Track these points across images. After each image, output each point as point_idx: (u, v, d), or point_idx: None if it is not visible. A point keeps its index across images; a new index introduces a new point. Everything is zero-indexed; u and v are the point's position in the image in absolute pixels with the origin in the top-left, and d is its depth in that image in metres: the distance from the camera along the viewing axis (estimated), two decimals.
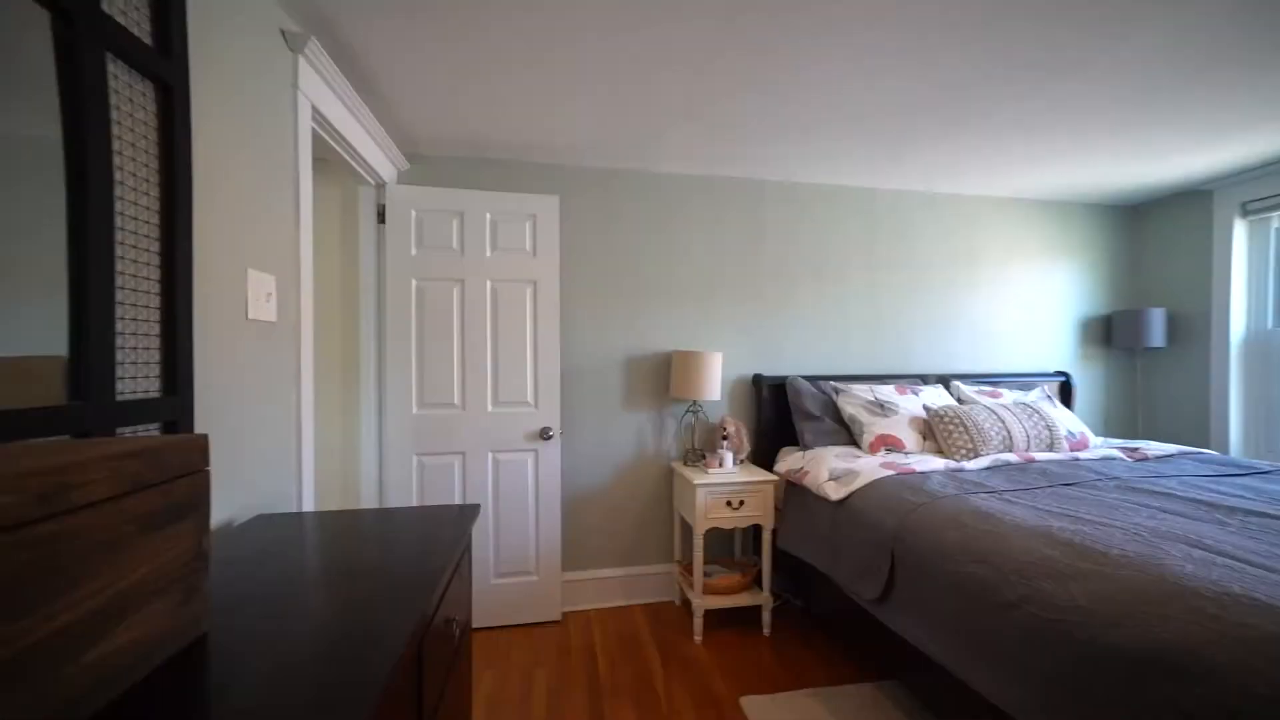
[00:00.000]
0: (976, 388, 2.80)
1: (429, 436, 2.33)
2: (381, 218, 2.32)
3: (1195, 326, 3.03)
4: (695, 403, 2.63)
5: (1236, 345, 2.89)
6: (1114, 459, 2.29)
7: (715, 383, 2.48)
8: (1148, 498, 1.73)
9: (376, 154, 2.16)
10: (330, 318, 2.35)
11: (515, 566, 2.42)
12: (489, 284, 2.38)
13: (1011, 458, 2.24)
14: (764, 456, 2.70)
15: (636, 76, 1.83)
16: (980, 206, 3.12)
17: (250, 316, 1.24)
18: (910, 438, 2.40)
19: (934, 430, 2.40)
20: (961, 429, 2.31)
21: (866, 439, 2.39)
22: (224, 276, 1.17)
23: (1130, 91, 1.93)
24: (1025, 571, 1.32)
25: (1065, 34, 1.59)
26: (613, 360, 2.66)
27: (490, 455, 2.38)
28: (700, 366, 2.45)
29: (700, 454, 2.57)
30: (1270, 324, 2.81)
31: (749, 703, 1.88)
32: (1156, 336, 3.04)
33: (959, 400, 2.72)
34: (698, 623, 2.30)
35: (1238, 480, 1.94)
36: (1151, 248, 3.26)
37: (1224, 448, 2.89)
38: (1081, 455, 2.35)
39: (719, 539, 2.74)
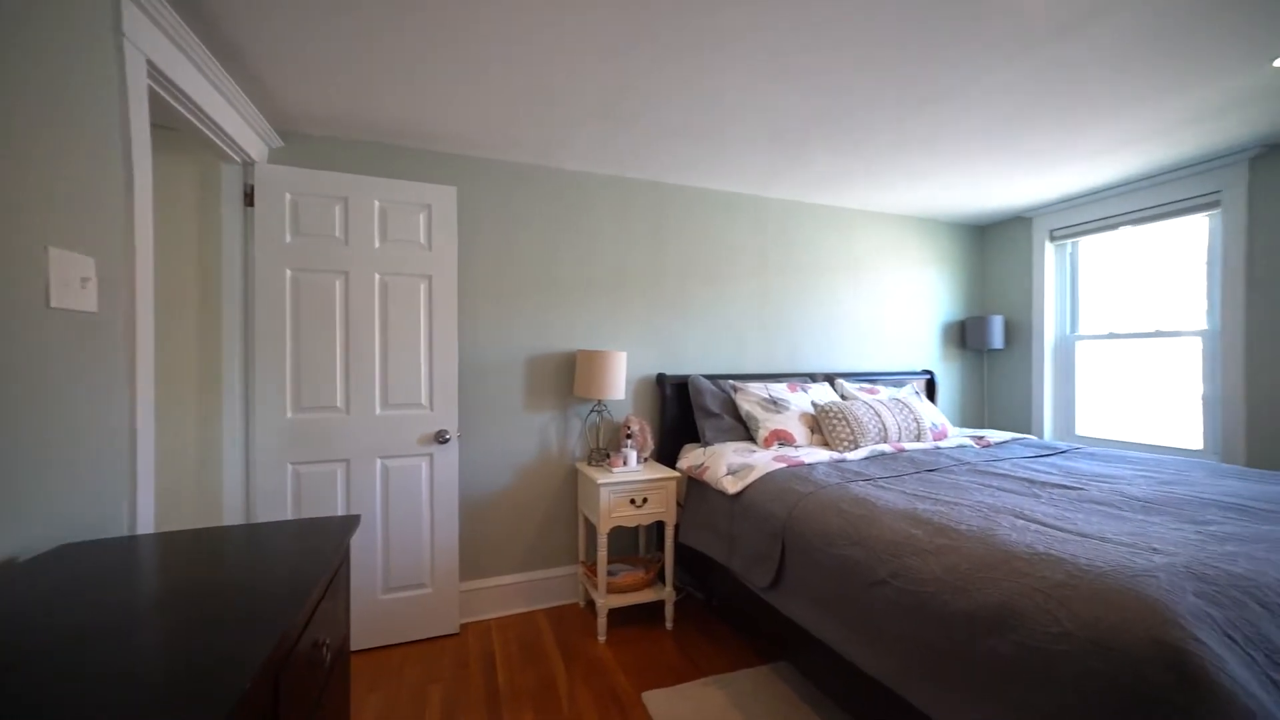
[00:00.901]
0: (858, 385, 3.07)
1: (307, 443, 2.11)
2: (249, 200, 2.06)
3: (1024, 332, 3.55)
4: (600, 402, 2.63)
5: (1049, 348, 3.43)
6: (966, 446, 2.62)
7: (620, 382, 2.50)
8: (989, 478, 2.00)
9: (241, 128, 1.92)
10: (184, 311, 2.05)
11: (407, 579, 2.26)
12: (378, 277, 2.20)
13: (886, 448, 2.48)
14: (667, 454, 2.76)
15: (543, 69, 1.79)
16: (861, 219, 3.43)
17: (54, 304, 1.03)
18: (800, 432, 2.57)
19: (821, 425, 2.59)
20: (844, 423, 2.51)
21: (762, 434, 2.53)
22: (6, 254, 0.94)
23: (979, 125, 2.21)
24: (894, 550, 1.46)
25: (934, 68, 1.78)
26: (515, 359, 2.58)
27: (379, 462, 2.21)
28: (605, 366, 2.45)
29: (605, 453, 2.57)
30: (1069, 330, 3.38)
31: (651, 697, 1.90)
32: (997, 340, 3.53)
33: (843, 396, 2.96)
34: (601, 622, 2.29)
35: (1048, 459, 2.30)
36: (993, 263, 3.78)
37: (1041, 433, 3.42)
38: (942, 444, 2.65)
39: (623, 537, 2.76)
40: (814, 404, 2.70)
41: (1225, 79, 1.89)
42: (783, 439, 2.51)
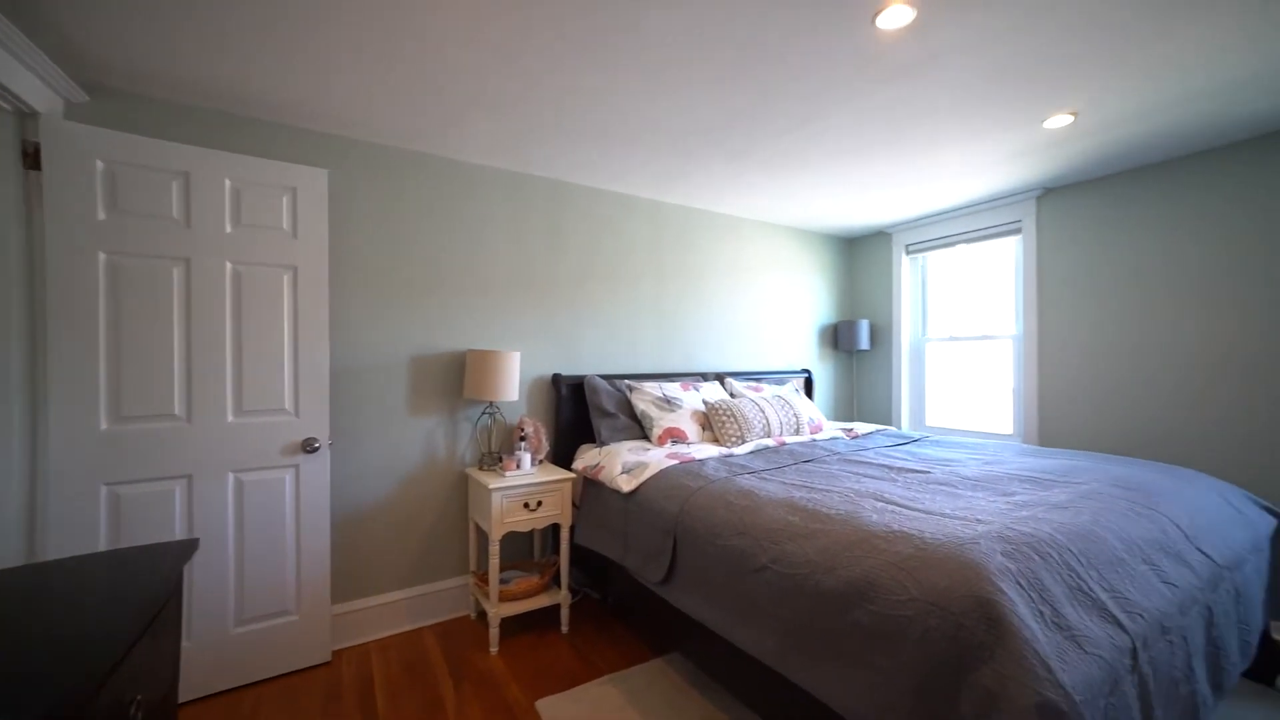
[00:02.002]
0: (745, 383, 3.26)
1: (131, 458, 1.79)
2: (32, 161, 1.69)
3: (886, 334, 4.01)
4: (492, 404, 2.53)
5: (906, 349, 3.91)
6: (838, 438, 2.88)
7: (513, 382, 2.42)
8: (856, 466, 2.22)
9: (12, 68, 1.55)
10: None
11: (267, 607, 2.00)
12: (230, 266, 1.93)
13: (769, 442, 2.66)
14: (563, 455, 2.73)
15: (426, 57, 1.69)
16: (749, 227, 3.65)
17: None
18: (692, 429, 2.67)
19: (711, 422, 2.71)
20: (732, 420, 2.65)
21: (656, 432, 2.59)
22: None
23: (845, 147, 2.46)
24: (774, 537, 1.57)
25: (800, 94, 1.94)
26: (398, 360, 2.40)
27: (231, 476, 1.93)
28: (497, 366, 2.37)
29: (497, 457, 2.48)
30: (921, 333, 3.88)
31: (545, 704, 1.86)
32: (864, 341, 3.95)
33: (731, 394, 3.13)
34: (493, 633, 2.21)
35: (904, 448, 2.61)
36: (861, 272, 4.22)
37: (899, 424, 3.88)
38: (818, 437, 2.90)
39: (517, 542, 2.68)
40: (705, 402, 2.82)
41: (1014, 132, 2.29)
42: (676, 436, 2.59)
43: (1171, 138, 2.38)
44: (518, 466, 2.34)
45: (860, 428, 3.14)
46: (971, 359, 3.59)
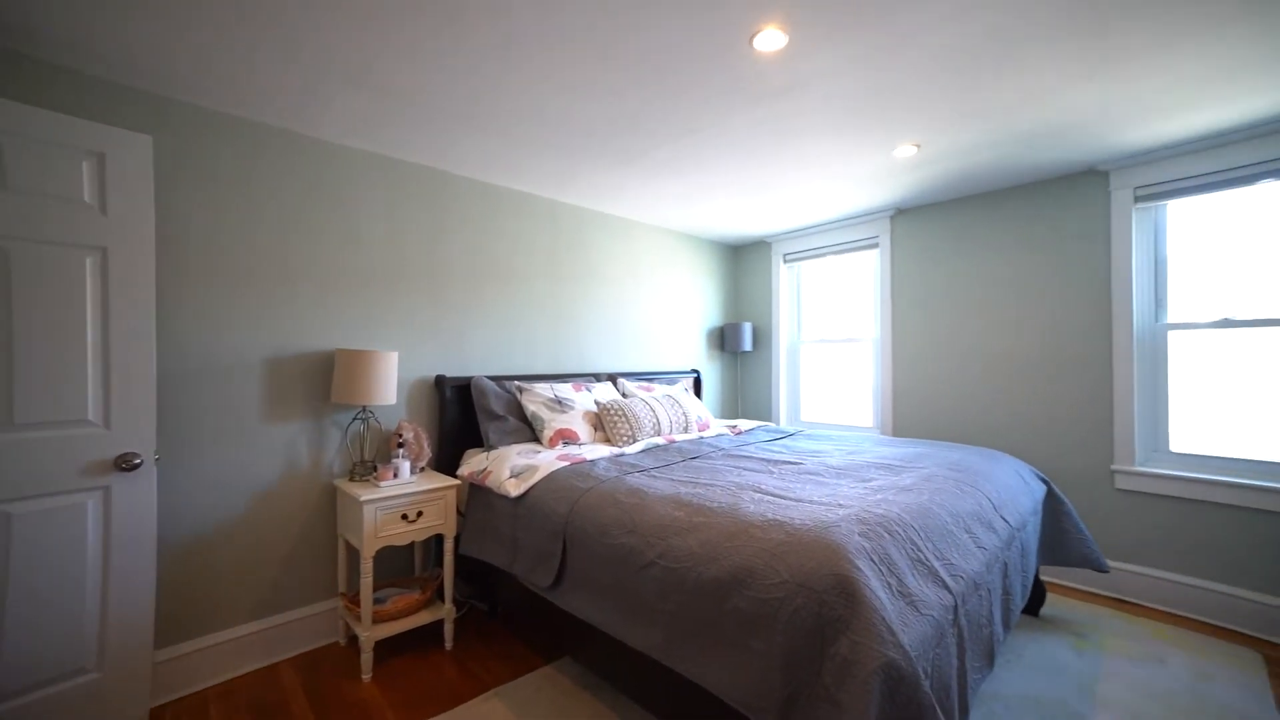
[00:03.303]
0: (637, 383, 3.32)
1: None
2: None
3: (766, 337, 4.31)
4: (365, 408, 2.31)
5: (784, 350, 4.23)
6: (723, 435, 3.04)
7: (390, 385, 2.24)
8: (738, 460, 2.35)
9: None
10: None
11: (53, 669, 1.60)
12: None
13: (660, 440, 2.73)
14: (448, 461, 2.58)
15: (293, 12, 1.49)
16: (643, 231, 3.72)
17: None
18: (584, 430, 2.66)
19: (603, 422, 2.72)
20: (624, 419, 2.68)
21: (547, 434, 2.54)
22: None
23: (730, 158, 2.59)
24: (661, 533, 1.60)
25: (688, 104, 2.02)
26: (250, 360, 2.11)
27: None
28: (372, 367, 2.17)
29: (371, 466, 2.27)
30: (797, 336, 4.23)
31: None
32: (747, 343, 4.20)
33: (623, 395, 3.17)
34: (366, 658, 2.02)
35: (781, 442, 2.82)
36: (745, 278, 4.49)
37: (777, 420, 4.19)
38: (705, 434, 3.03)
39: (396, 558, 2.48)
40: (597, 402, 2.83)
41: (870, 157, 2.59)
42: (567, 438, 2.56)
43: (992, 172, 2.82)
44: (395, 475, 2.17)
45: (743, 424, 3.34)
46: (839, 359, 3.97)
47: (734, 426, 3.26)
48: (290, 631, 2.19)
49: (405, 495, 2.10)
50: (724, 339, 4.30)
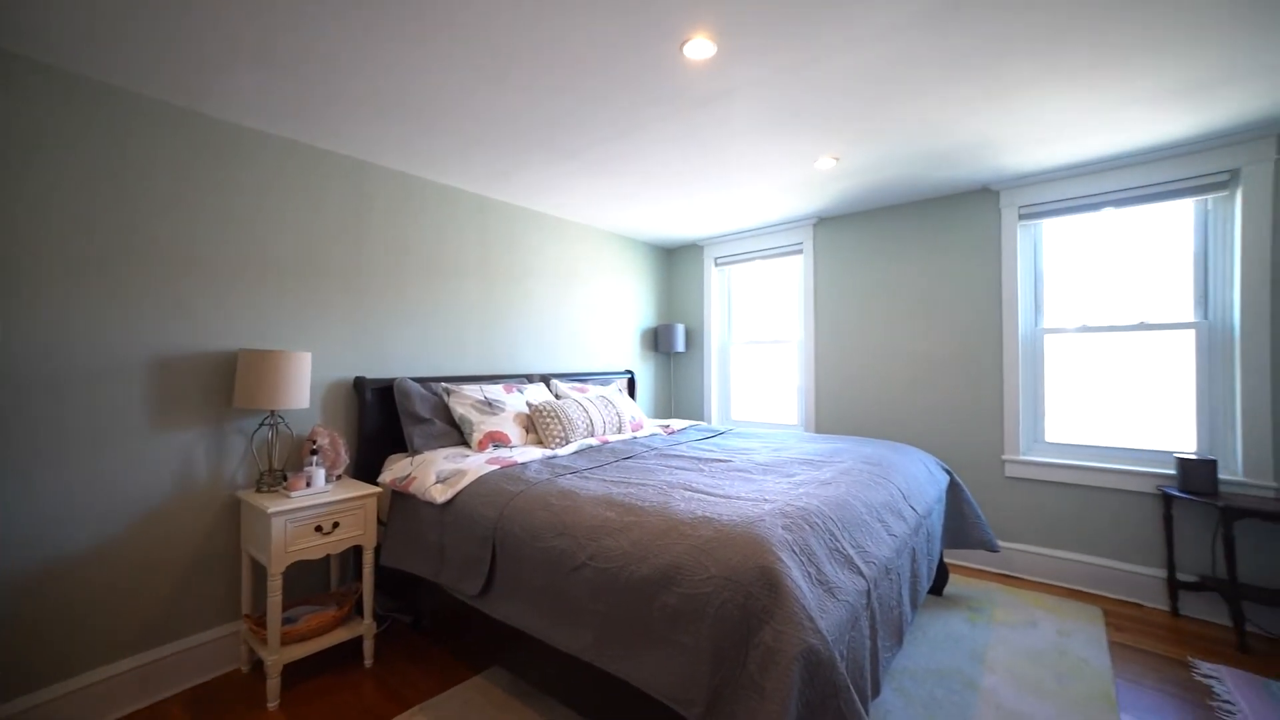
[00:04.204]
0: (570, 384, 3.29)
1: None
2: None
3: (698, 338, 4.41)
4: (274, 413, 2.14)
5: (715, 351, 4.36)
6: (656, 435, 3.08)
7: (302, 388, 2.08)
8: (670, 459, 2.39)
9: None
10: None
11: None
12: None
13: (593, 441, 2.72)
14: (369, 468, 2.44)
15: None
16: (578, 231, 3.70)
17: None
18: (516, 432, 2.60)
19: (535, 424, 2.67)
20: (556, 421, 2.65)
21: (476, 437, 2.47)
22: None
23: (662, 161, 2.63)
24: (592, 534, 1.60)
25: (618, 107, 2.03)
26: (129, 362, 1.89)
27: None
28: (281, 368, 2.01)
29: (281, 475, 2.10)
30: (728, 337, 4.37)
31: None
32: (680, 344, 4.29)
33: (557, 396, 3.13)
34: (272, 685, 1.86)
35: (712, 440, 2.91)
36: (678, 280, 4.57)
37: (709, 419, 4.31)
38: (638, 434, 3.05)
39: (309, 573, 2.32)
40: (529, 404, 2.78)
41: (794, 168, 2.72)
42: (498, 440, 2.50)
43: (902, 187, 3.05)
44: (308, 485, 2.02)
45: (676, 424, 3.40)
46: (767, 360, 4.14)
47: (667, 426, 3.31)
48: (181, 663, 1.97)
49: (320, 505, 1.96)
50: (658, 340, 4.36)
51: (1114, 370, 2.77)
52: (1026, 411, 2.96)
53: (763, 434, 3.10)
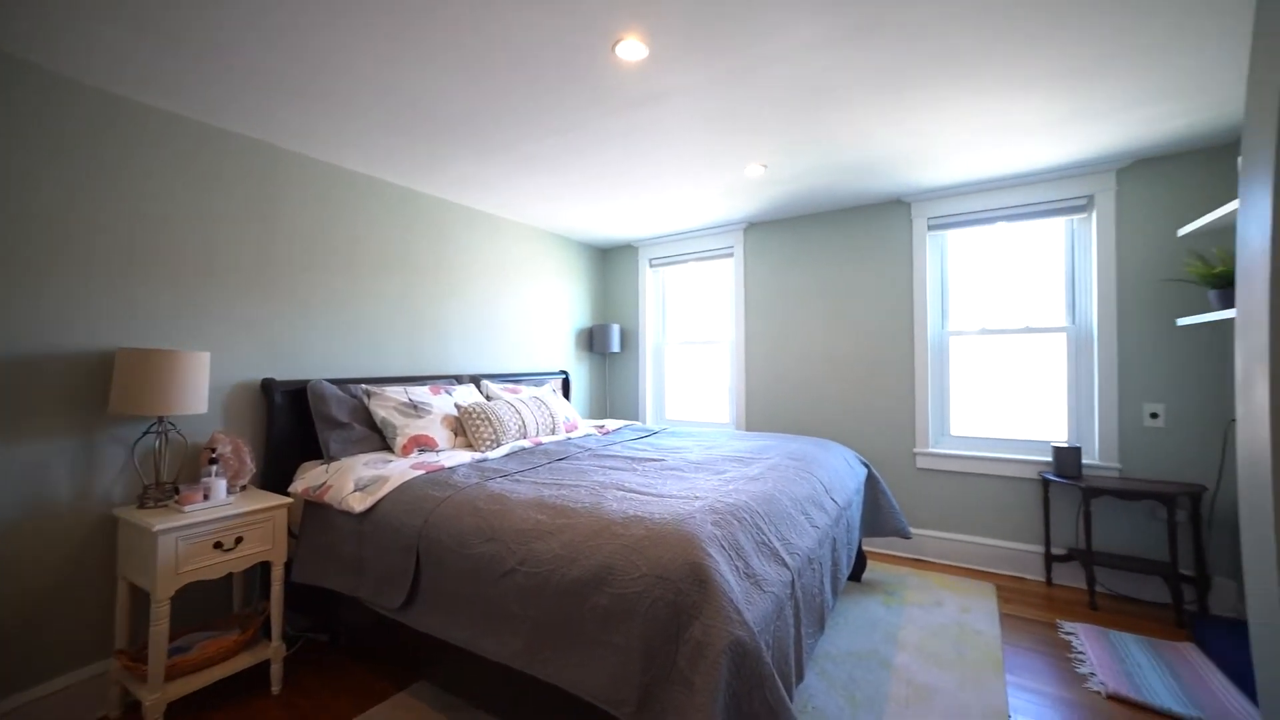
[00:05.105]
0: (502, 385, 3.20)
1: None
2: None
3: (634, 338, 4.44)
4: (163, 419, 1.92)
5: (650, 351, 4.40)
6: (590, 435, 3.06)
7: (199, 391, 1.88)
8: (604, 460, 2.38)
9: None
10: None
11: None
12: None
13: (525, 443, 2.66)
14: (280, 477, 2.26)
15: None
16: (511, 228, 3.60)
17: None
18: (443, 435, 2.50)
19: (464, 426, 2.58)
20: (486, 423, 2.57)
21: (400, 442, 2.34)
22: None
23: (597, 162, 2.62)
24: (523, 538, 1.56)
25: (550, 105, 2.00)
26: None
27: None
28: (171, 370, 1.81)
29: (172, 489, 1.89)
30: (662, 337, 4.43)
31: None
32: (615, 344, 4.29)
33: (487, 397, 3.04)
34: None
35: (646, 439, 2.93)
36: (613, 281, 4.58)
37: (644, 418, 4.34)
38: (572, 435, 3.02)
39: (208, 595, 2.10)
40: (458, 406, 2.67)
41: (725, 174, 2.81)
42: (423, 444, 2.39)
43: (826, 195, 3.21)
44: (205, 497, 1.83)
45: (611, 424, 3.39)
46: (701, 360, 4.23)
47: (601, 426, 3.30)
48: (28, 717, 1.70)
49: (219, 520, 1.78)
50: (593, 340, 4.34)
51: (1007, 369, 3.07)
52: (935, 407, 3.21)
53: (696, 433, 3.16)
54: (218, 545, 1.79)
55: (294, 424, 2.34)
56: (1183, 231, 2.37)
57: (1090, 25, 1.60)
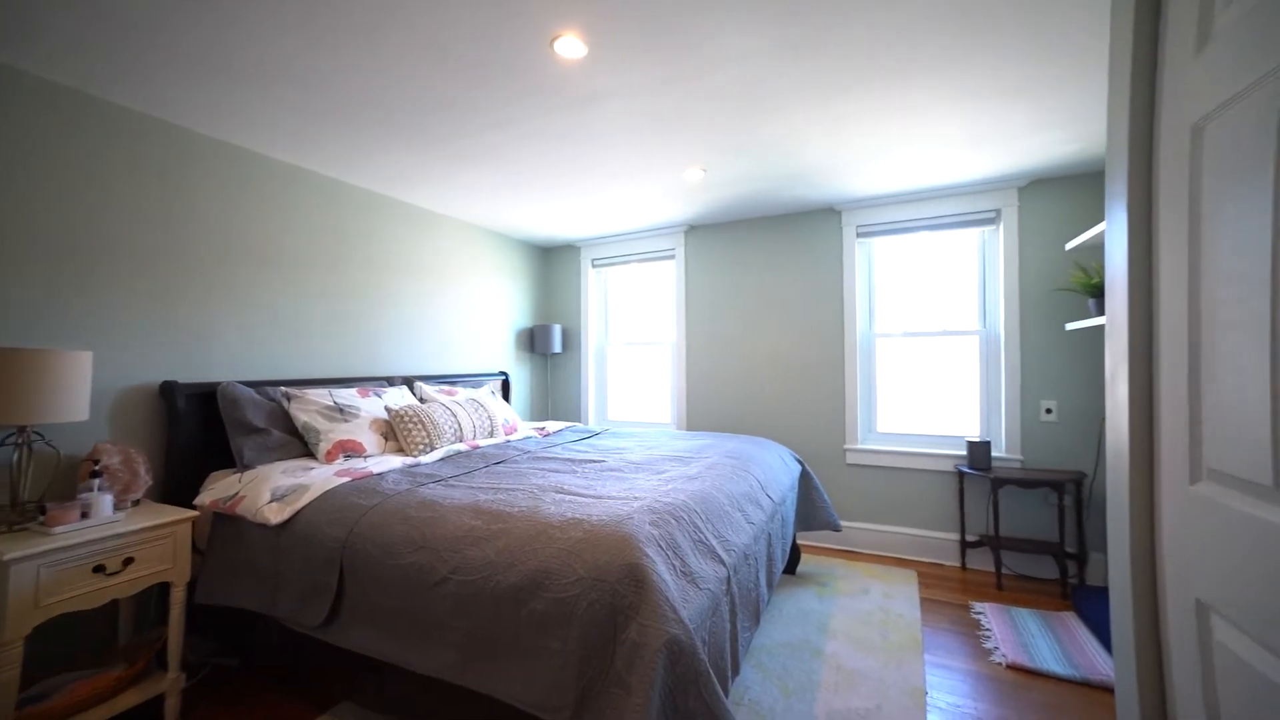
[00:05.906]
0: (437, 387, 3.08)
1: None
2: None
3: (575, 339, 4.39)
4: (26, 429, 1.69)
5: (592, 352, 4.37)
6: (530, 437, 2.99)
7: (78, 395, 1.68)
8: (544, 463, 2.33)
9: None
10: None
11: None
12: None
13: (462, 447, 2.57)
14: (185, 488, 2.06)
15: None
16: (448, 225, 3.47)
17: None
18: (372, 440, 2.36)
19: (395, 430, 2.45)
20: (419, 426, 2.46)
21: (323, 447, 2.19)
22: None
23: (534, 158, 2.57)
24: (456, 545, 1.50)
25: (490, 101, 1.94)
26: None
27: None
28: (38, 372, 1.60)
29: (38, 508, 1.67)
30: (605, 338, 4.42)
31: None
32: (557, 345, 4.23)
33: (421, 399, 2.91)
34: None
35: (587, 441, 2.91)
36: (555, 280, 4.51)
37: (586, 419, 4.31)
38: (512, 438, 2.95)
39: (85, 629, 1.87)
40: (388, 409, 2.54)
41: (664, 176, 2.84)
42: (350, 450, 2.25)
43: (762, 201, 3.31)
44: (84, 515, 1.63)
45: (551, 426, 3.34)
46: (643, 361, 4.25)
47: (542, 428, 3.25)
48: None
49: (101, 540, 1.59)
50: (534, 340, 4.26)
51: (928, 368, 3.28)
52: (864, 405, 3.38)
53: (637, 433, 3.17)
54: (99, 569, 1.59)
55: (201, 431, 2.14)
56: (1070, 245, 2.63)
57: (1012, 47, 1.70)
